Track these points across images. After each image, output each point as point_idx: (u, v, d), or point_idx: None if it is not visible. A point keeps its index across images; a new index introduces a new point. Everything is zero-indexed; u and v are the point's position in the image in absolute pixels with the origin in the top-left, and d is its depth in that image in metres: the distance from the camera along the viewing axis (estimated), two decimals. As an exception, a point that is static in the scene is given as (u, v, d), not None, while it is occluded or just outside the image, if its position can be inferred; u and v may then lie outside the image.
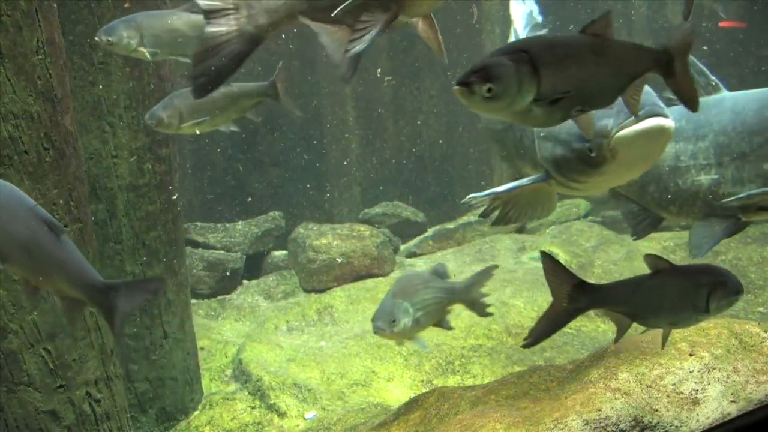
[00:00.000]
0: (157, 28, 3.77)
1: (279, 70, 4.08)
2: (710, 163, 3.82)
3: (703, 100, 3.95)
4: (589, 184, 3.28)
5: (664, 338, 2.92)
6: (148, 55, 3.75)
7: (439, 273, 3.82)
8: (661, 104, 3.01)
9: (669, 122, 2.94)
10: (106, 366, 3.91)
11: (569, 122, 3.17)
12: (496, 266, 3.99)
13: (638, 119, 2.93)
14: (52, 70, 3.55)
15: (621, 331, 2.88)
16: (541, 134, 3.31)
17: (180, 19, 3.83)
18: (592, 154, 3.04)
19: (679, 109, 3.94)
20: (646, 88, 3.09)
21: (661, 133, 2.96)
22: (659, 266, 2.76)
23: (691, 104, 2.53)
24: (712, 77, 3.96)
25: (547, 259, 2.79)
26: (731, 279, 2.72)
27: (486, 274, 3.88)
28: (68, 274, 2.53)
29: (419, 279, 3.73)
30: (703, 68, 3.97)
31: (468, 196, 3.54)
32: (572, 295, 2.74)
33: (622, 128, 2.95)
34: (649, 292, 2.77)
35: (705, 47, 8.13)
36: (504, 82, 2.20)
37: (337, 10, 2.66)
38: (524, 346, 2.94)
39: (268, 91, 4.08)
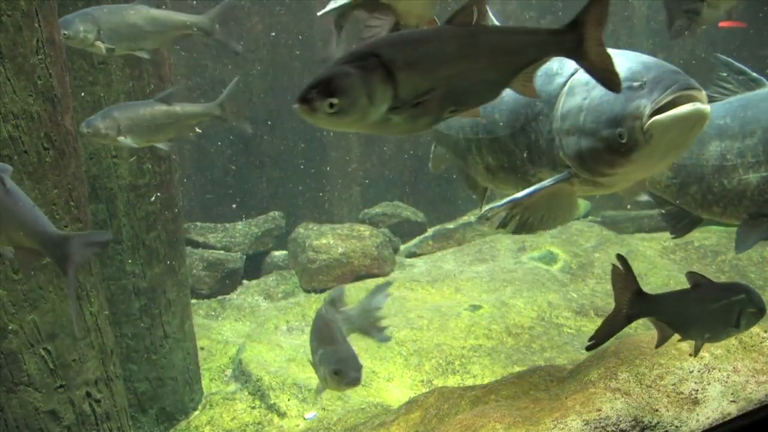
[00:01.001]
0: (114, 22, 3.72)
1: (228, 89, 4.09)
2: (759, 161, 3.64)
3: (748, 95, 3.80)
4: (615, 177, 3.10)
5: (697, 349, 3.01)
6: (104, 50, 3.72)
7: (336, 301, 3.32)
8: (693, 81, 2.83)
9: (706, 105, 2.79)
10: (106, 366, 3.91)
11: (595, 110, 2.95)
12: (390, 284, 3.63)
13: (671, 94, 2.75)
14: (52, 70, 3.55)
15: (662, 340, 2.95)
16: (564, 128, 3.13)
17: (138, 14, 3.81)
18: (623, 140, 2.85)
19: (723, 105, 3.79)
20: (669, 65, 2.94)
21: (699, 117, 2.78)
22: (699, 281, 2.86)
23: (613, 86, 2.19)
24: (753, 73, 3.82)
25: (622, 262, 2.83)
26: (758, 297, 2.83)
27: (379, 294, 3.30)
28: (22, 223, 2.48)
29: (326, 328, 3.15)
30: (741, 66, 3.84)
31: (485, 208, 3.34)
32: (632, 301, 2.83)
33: (657, 107, 2.77)
34: (689, 306, 2.88)
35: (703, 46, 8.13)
36: (349, 94, 1.93)
37: (323, 11, 2.70)
38: (588, 348, 2.97)
39: (213, 111, 4.10)
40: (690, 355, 3.46)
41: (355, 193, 9.20)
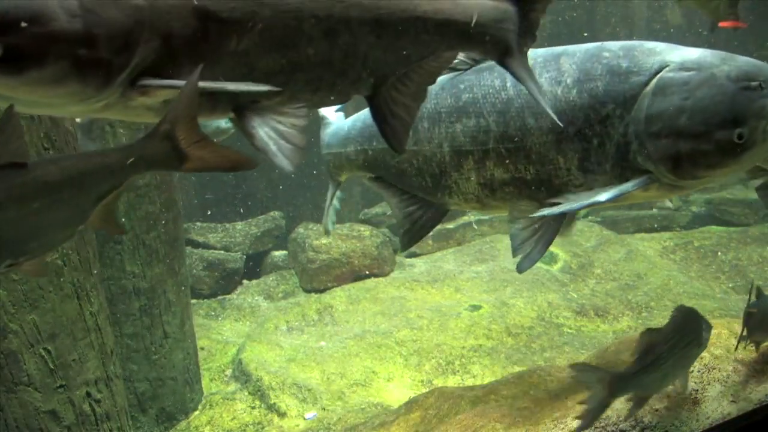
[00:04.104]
0: None
1: None
2: None
3: None
4: (704, 180, 3.05)
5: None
6: None
7: None
8: None
9: None
10: (106, 366, 3.91)
11: (705, 111, 2.88)
12: None
13: None
14: (52, 70, 3.55)
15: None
16: (653, 131, 2.95)
17: None
18: (741, 141, 2.84)
19: None
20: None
21: None
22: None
23: (245, 167, 1.97)
24: None
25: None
26: None
27: None
28: None
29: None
30: None
31: (566, 206, 3.05)
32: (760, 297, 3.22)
33: None
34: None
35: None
36: None
37: None
38: None
39: None
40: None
41: (355, 193, 9.20)
